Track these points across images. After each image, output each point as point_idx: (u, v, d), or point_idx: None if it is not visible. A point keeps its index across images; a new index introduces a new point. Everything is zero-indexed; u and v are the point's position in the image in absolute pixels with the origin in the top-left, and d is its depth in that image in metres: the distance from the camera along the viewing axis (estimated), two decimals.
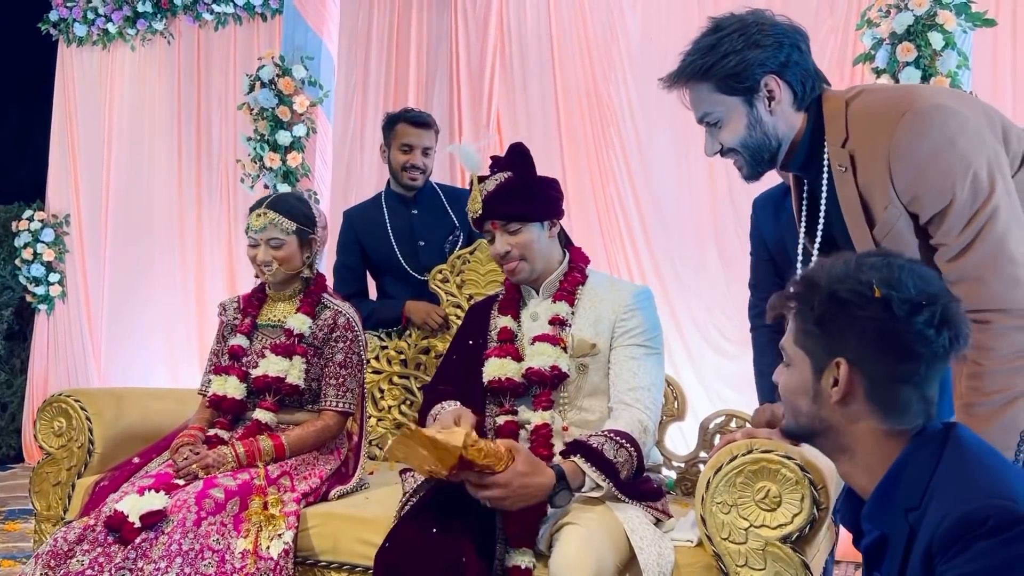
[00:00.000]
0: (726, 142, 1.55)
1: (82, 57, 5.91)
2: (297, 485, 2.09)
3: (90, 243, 5.83)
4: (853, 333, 1.13)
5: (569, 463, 1.73)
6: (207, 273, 5.52)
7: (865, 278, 1.12)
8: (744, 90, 1.49)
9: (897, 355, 1.11)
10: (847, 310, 1.12)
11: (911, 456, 1.12)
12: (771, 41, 1.47)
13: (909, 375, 1.12)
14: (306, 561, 2.00)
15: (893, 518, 1.11)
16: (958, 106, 1.44)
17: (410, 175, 2.89)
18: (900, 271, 1.12)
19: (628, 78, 4.47)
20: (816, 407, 1.18)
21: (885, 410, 1.14)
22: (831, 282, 1.14)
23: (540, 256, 2.00)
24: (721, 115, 1.53)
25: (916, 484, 1.09)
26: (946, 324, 1.10)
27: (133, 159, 5.75)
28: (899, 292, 1.10)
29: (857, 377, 1.13)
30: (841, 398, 1.15)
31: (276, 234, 2.23)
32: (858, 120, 1.49)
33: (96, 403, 2.35)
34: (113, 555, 1.83)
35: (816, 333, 1.16)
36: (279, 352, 2.21)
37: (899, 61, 2.99)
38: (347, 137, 5.04)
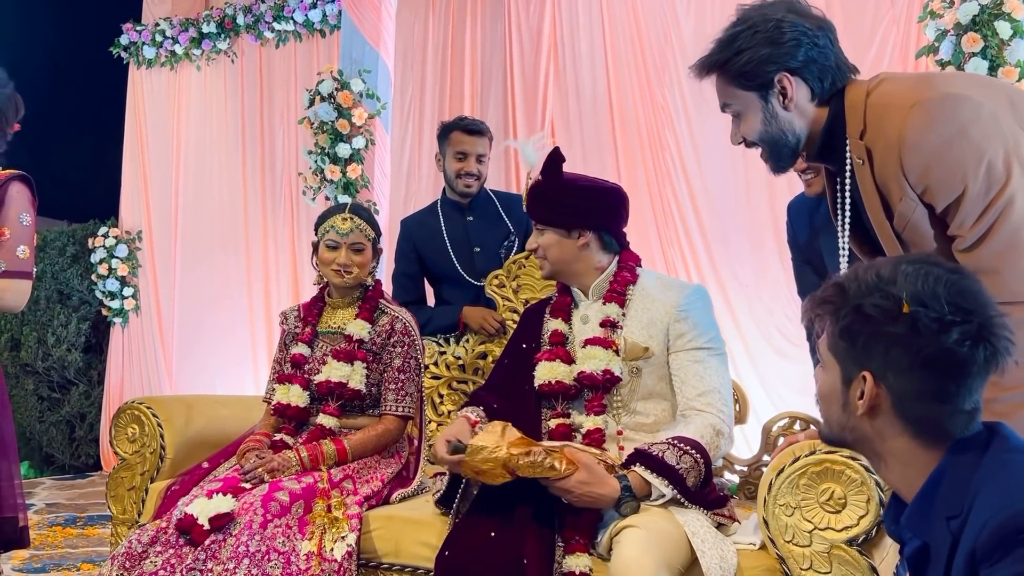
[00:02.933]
0: (746, 135, 1.56)
1: (151, 79, 6.13)
2: (359, 488, 2.12)
3: (161, 257, 6.03)
4: (880, 348, 1.09)
5: (633, 473, 1.73)
6: (273, 283, 5.66)
7: (895, 291, 1.08)
8: (758, 86, 1.50)
9: (924, 374, 1.07)
10: (872, 325, 1.09)
11: (950, 464, 1.08)
12: (788, 38, 1.46)
13: (938, 393, 1.08)
14: (369, 563, 2.03)
15: (934, 527, 1.08)
16: (973, 93, 1.40)
17: (465, 182, 2.92)
18: (935, 284, 1.07)
19: (682, 79, 4.44)
20: (845, 416, 1.15)
21: (915, 426, 1.10)
22: (859, 293, 1.11)
23: (561, 261, 2.00)
24: (739, 108, 1.55)
25: (957, 491, 1.05)
26: (982, 341, 1.05)
27: (200, 175, 5.94)
28: (929, 308, 1.06)
29: (883, 392, 1.10)
30: (867, 411, 1.12)
31: (360, 239, 2.30)
32: (874, 111, 1.47)
33: (167, 410, 2.43)
34: (184, 556, 1.88)
35: (842, 344, 1.13)
36: (340, 358, 2.25)
37: (964, 52, 2.90)
38: (404, 148, 5.12)
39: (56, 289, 5.98)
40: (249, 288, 5.72)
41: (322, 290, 2.43)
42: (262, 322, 5.66)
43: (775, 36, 1.47)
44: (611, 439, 1.92)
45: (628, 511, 1.70)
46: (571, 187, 1.99)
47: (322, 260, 2.32)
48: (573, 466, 1.67)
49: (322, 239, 2.32)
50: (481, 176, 2.95)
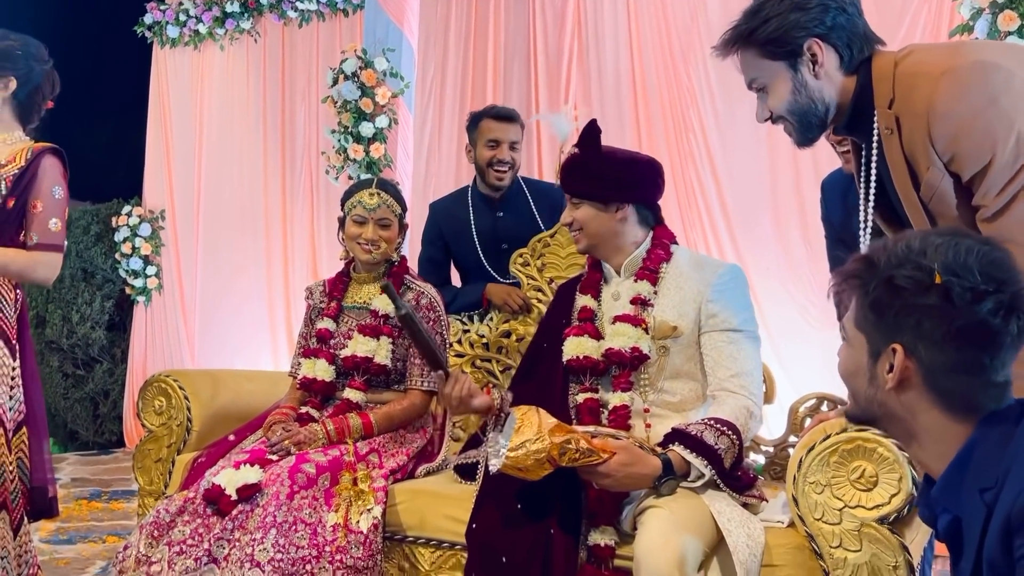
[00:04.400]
0: (774, 108, 1.54)
1: (175, 58, 6.15)
2: (385, 462, 2.13)
3: (183, 237, 6.07)
4: (910, 320, 1.06)
5: (673, 452, 1.71)
6: (292, 262, 5.68)
7: (926, 262, 1.05)
8: (787, 54, 1.48)
9: (957, 345, 1.04)
10: (903, 296, 1.06)
11: (982, 436, 1.06)
12: (814, 4, 1.45)
13: (971, 365, 1.05)
14: (394, 536, 2.04)
15: (967, 499, 1.06)
16: (1005, 62, 1.37)
17: (497, 172, 2.83)
18: (967, 255, 1.04)
19: (708, 59, 4.39)
20: (873, 390, 1.13)
21: (946, 400, 1.07)
22: (889, 265, 1.08)
23: (598, 235, 1.97)
24: (767, 81, 1.52)
25: (990, 463, 1.03)
26: (1015, 311, 1.03)
27: (222, 154, 5.97)
28: (962, 278, 1.03)
29: (913, 365, 1.07)
30: (896, 385, 1.09)
31: (387, 215, 2.30)
32: (903, 81, 1.45)
33: (193, 383, 2.44)
34: (212, 526, 1.90)
35: (872, 317, 1.10)
36: (367, 333, 2.26)
37: (1001, 31, 2.85)
38: (425, 128, 5.11)
39: (80, 268, 6.03)
40: (268, 266, 5.75)
41: (347, 265, 2.44)
42: (280, 299, 5.70)
43: (802, 3, 1.46)
44: (637, 416, 1.91)
45: (667, 491, 1.68)
46: (610, 159, 1.97)
47: (349, 235, 2.32)
48: (610, 450, 1.66)
49: (349, 214, 2.32)
50: (515, 164, 2.86)
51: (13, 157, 2.23)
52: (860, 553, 1.58)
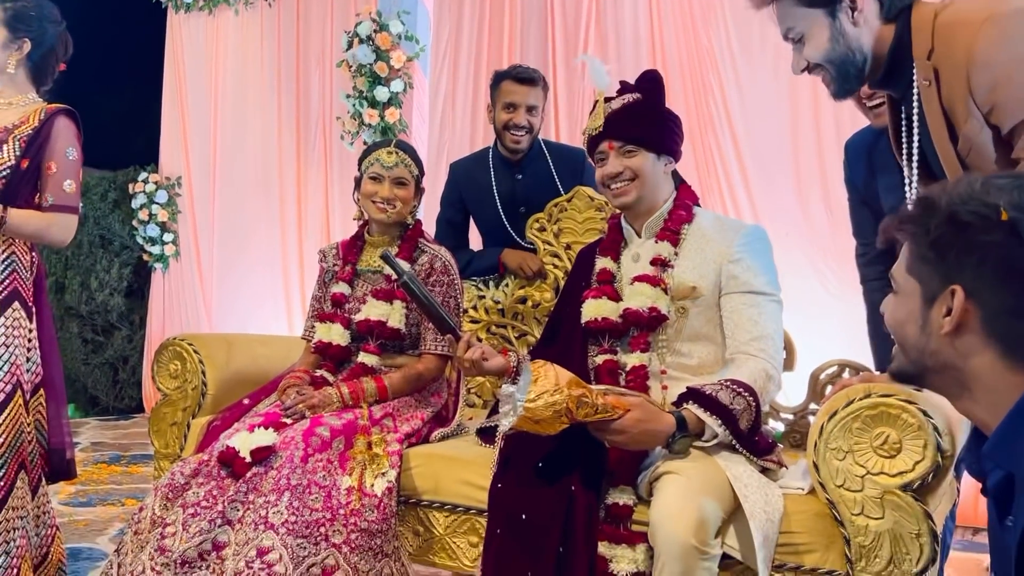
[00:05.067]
0: (811, 57, 1.52)
1: (190, 23, 6.10)
2: (400, 426, 2.11)
3: (200, 203, 6.06)
4: (973, 259, 1.02)
5: (687, 410, 1.69)
6: (305, 227, 5.66)
7: (992, 200, 1.01)
8: (825, 1, 1.46)
9: (1019, 286, 1.00)
10: (968, 233, 1.02)
11: None
12: None
13: None
14: (408, 500, 2.03)
15: (1019, 454, 1.00)
16: None
17: (513, 136, 2.77)
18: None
19: (729, 21, 4.30)
20: (925, 338, 1.09)
21: (1005, 344, 1.03)
22: (952, 203, 1.04)
23: (649, 185, 1.93)
24: (805, 29, 1.51)
25: None
26: None
27: (237, 120, 5.93)
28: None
29: (973, 307, 1.03)
30: (953, 328, 1.04)
31: (403, 174, 2.27)
32: (943, 31, 1.41)
33: (208, 347, 2.43)
34: (226, 488, 1.89)
35: (931, 258, 1.06)
36: (380, 297, 2.24)
37: None
38: (439, 92, 5.03)
39: (98, 234, 6.04)
40: (283, 231, 5.73)
41: (362, 228, 2.41)
42: (295, 264, 5.69)
43: None
44: (654, 377, 1.89)
45: (680, 448, 1.66)
46: (667, 110, 1.94)
47: (364, 193, 2.29)
48: (624, 407, 1.63)
49: (365, 172, 2.29)
50: (532, 128, 2.79)
51: (26, 118, 2.21)
52: (882, 521, 1.55)
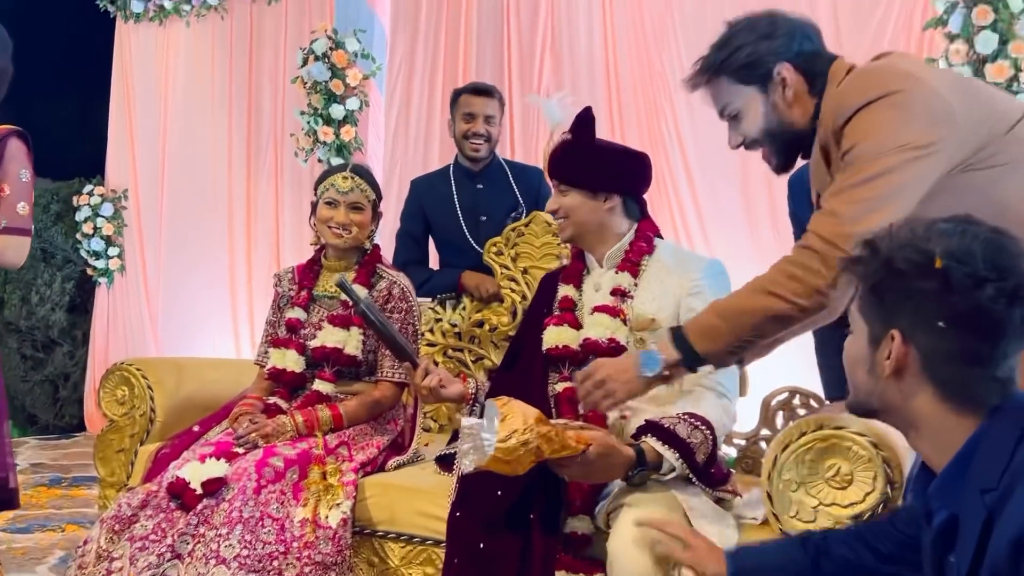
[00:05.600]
0: (747, 132, 1.59)
1: (139, 33, 5.98)
2: (355, 455, 2.09)
3: (147, 217, 5.93)
4: (909, 305, 1.04)
5: (645, 444, 1.70)
6: (255, 244, 5.58)
7: (929, 247, 1.03)
8: (759, 78, 1.53)
9: (955, 333, 1.02)
10: (904, 280, 1.04)
11: (987, 433, 1.03)
12: (782, 32, 1.52)
13: (970, 354, 1.03)
14: (363, 531, 2.01)
15: (966, 498, 1.03)
16: (923, 75, 1.39)
17: (472, 144, 2.90)
18: (972, 240, 1.02)
19: (681, 46, 4.38)
20: (872, 380, 1.11)
21: (944, 387, 1.05)
22: (891, 248, 1.06)
23: (584, 223, 1.95)
24: (740, 106, 1.57)
25: (993, 463, 1.00)
26: (1018, 301, 1.00)
27: (187, 134, 5.82)
28: (963, 264, 1.01)
29: (911, 351, 1.05)
30: (893, 371, 1.07)
31: (359, 199, 2.26)
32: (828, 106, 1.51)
33: (157, 372, 2.38)
34: (175, 521, 1.85)
35: (873, 301, 1.09)
36: (337, 323, 2.21)
37: (974, 25, 2.86)
38: (392, 111, 5.02)
39: (40, 248, 5.86)
40: (231, 248, 5.64)
41: (318, 252, 2.39)
42: (243, 282, 5.60)
43: (770, 31, 1.53)
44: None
45: (638, 480, 1.67)
46: (602, 147, 1.96)
47: (320, 218, 2.27)
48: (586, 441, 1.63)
49: (321, 197, 2.27)
50: (490, 137, 2.92)
51: None
52: None
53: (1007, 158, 1.37)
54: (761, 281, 1.43)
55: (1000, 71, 2.81)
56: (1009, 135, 1.38)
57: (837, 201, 1.39)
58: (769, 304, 1.40)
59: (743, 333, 1.43)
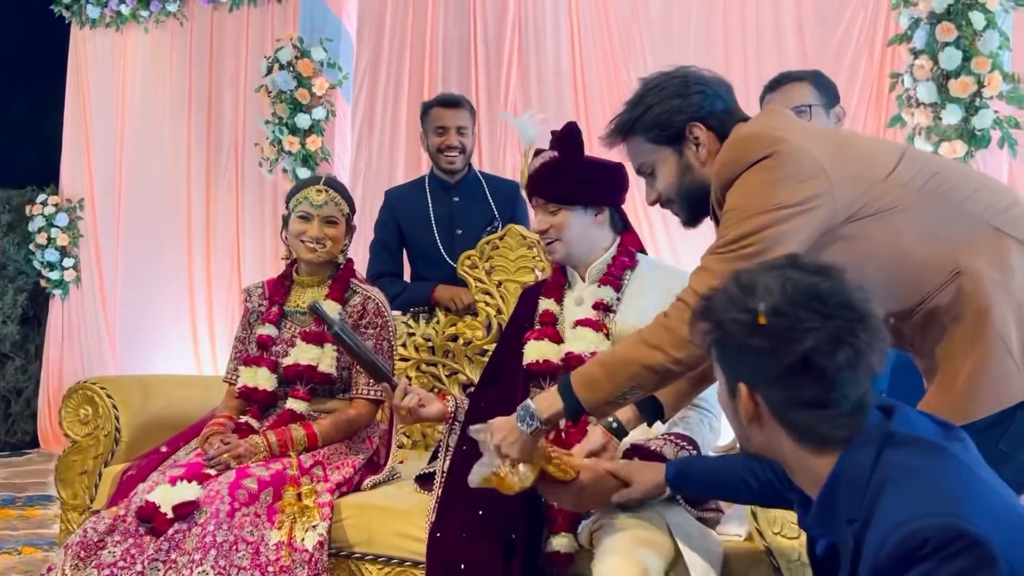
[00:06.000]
0: (661, 190, 1.60)
1: (95, 39, 5.85)
2: (330, 475, 2.04)
3: (104, 228, 5.79)
4: (746, 360, 1.08)
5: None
6: (215, 256, 5.49)
7: (752, 304, 1.06)
8: (671, 138, 1.55)
9: (790, 383, 1.05)
10: (735, 339, 1.08)
11: (845, 465, 1.06)
12: (693, 91, 1.54)
13: (810, 400, 1.06)
14: (340, 552, 1.96)
15: (838, 528, 1.07)
16: (792, 135, 1.43)
17: (447, 157, 2.86)
18: (793, 290, 1.05)
19: (648, 57, 4.40)
20: (739, 426, 1.15)
21: (796, 434, 1.09)
22: (721, 309, 1.10)
23: (577, 241, 1.94)
24: (654, 164, 1.58)
25: (854, 494, 1.04)
26: (842, 343, 1.02)
27: (145, 143, 5.71)
28: (783, 316, 1.04)
29: (759, 401, 1.09)
30: (750, 420, 1.11)
31: (334, 213, 2.21)
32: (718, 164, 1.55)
33: (122, 391, 2.31)
34: (145, 546, 1.79)
35: (717, 356, 1.13)
36: (310, 340, 2.16)
37: (939, 41, 2.91)
38: (361, 120, 4.97)
39: None
40: (190, 260, 5.53)
41: (289, 267, 2.33)
42: (202, 294, 5.50)
43: (681, 89, 1.54)
44: (596, 422, 1.88)
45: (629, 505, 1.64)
46: (591, 161, 1.94)
47: (293, 232, 2.22)
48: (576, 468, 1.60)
49: (294, 210, 2.22)
50: (465, 149, 2.88)
51: None
52: None
53: (892, 203, 1.40)
54: (642, 332, 1.47)
55: (963, 87, 2.86)
56: (888, 180, 1.42)
57: (711, 258, 1.43)
58: (646, 355, 1.43)
59: (622, 384, 1.45)
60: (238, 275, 5.40)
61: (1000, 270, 1.34)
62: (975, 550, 0.91)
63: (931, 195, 1.41)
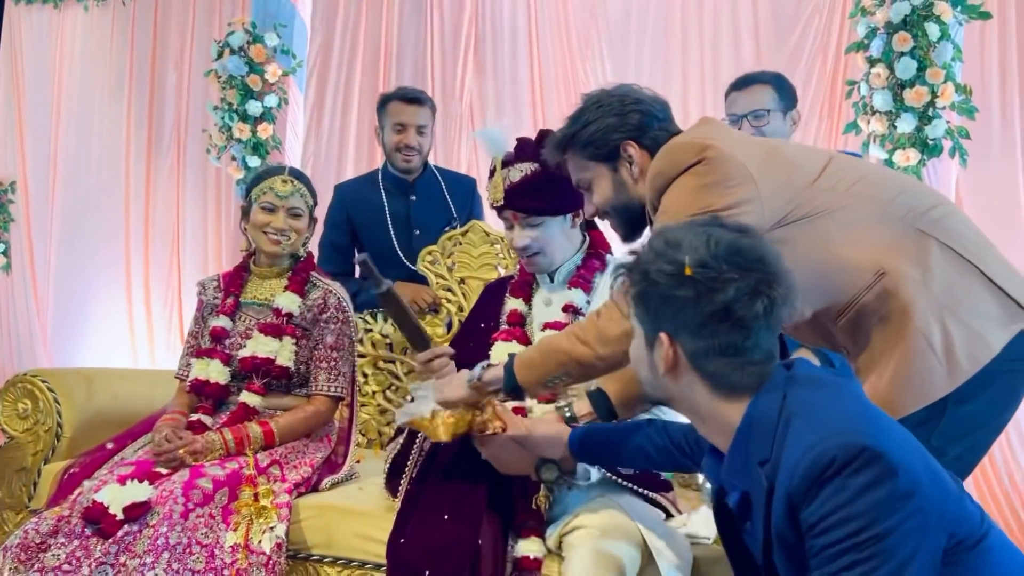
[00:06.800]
0: (598, 204, 1.64)
1: (31, 16, 5.60)
2: (288, 475, 1.97)
3: (37, 212, 5.55)
4: (670, 310, 1.15)
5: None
6: (154, 244, 5.30)
7: (679, 256, 1.13)
8: (605, 155, 1.59)
9: (711, 331, 1.12)
10: (660, 288, 1.14)
11: (754, 410, 1.13)
12: (629, 110, 1.58)
13: (727, 348, 1.13)
14: (298, 555, 1.90)
15: (750, 474, 1.13)
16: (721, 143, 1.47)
17: (404, 156, 2.74)
18: (716, 245, 1.12)
19: (605, 54, 4.40)
20: (654, 376, 1.21)
21: (712, 381, 1.16)
22: (647, 260, 1.16)
23: (559, 248, 1.93)
24: (590, 180, 1.63)
25: (764, 437, 1.11)
26: (760, 295, 1.11)
27: (82, 125, 5.49)
28: (707, 268, 1.11)
29: (679, 350, 1.16)
30: (668, 369, 1.17)
31: (298, 204, 2.15)
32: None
33: (65, 384, 2.20)
34: (92, 549, 1.70)
35: (639, 308, 1.19)
36: (268, 332, 2.09)
37: (895, 51, 2.96)
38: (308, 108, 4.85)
39: None
40: (127, 247, 5.33)
41: (246, 258, 2.25)
42: (139, 284, 5.31)
43: (618, 108, 1.58)
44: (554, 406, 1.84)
45: (547, 475, 1.62)
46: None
47: (255, 223, 2.14)
48: (505, 423, 1.61)
49: (257, 201, 2.13)
50: (422, 149, 2.76)
51: None
52: None
53: (820, 207, 1.45)
54: (574, 326, 1.55)
55: (918, 96, 2.92)
56: (815, 185, 1.46)
57: None
58: (575, 348, 1.51)
59: (552, 369, 1.54)
60: (177, 263, 5.23)
61: (921, 270, 1.40)
62: (879, 462, 1.00)
63: (856, 199, 1.46)
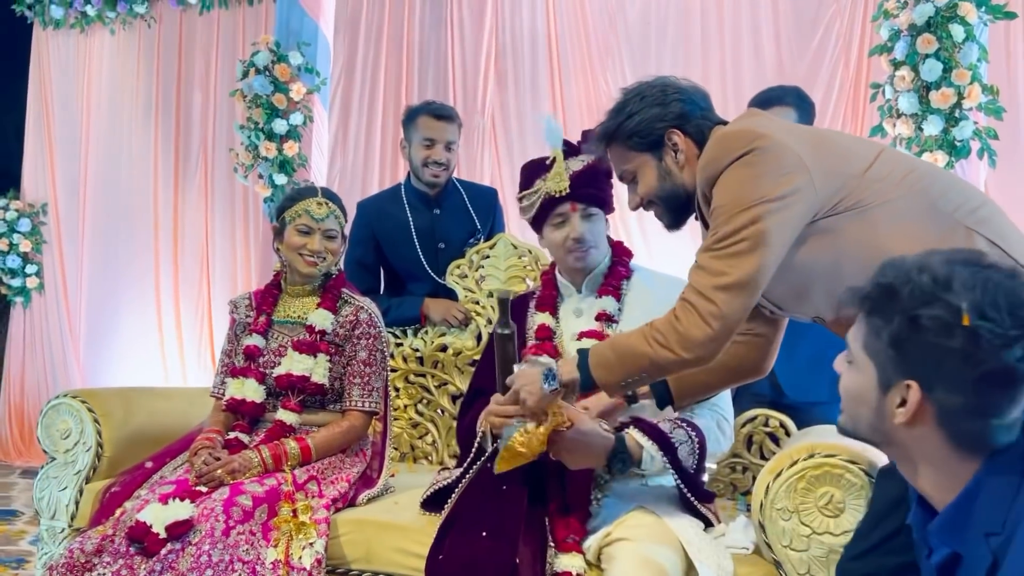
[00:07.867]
0: (644, 195, 1.64)
1: (59, 40, 5.71)
2: (325, 490, 1.99)
3: (68, 233, 5.65)
4: (931, 360, 1.02)
5: (628, 434, 1.71)
6: (182, 262, 5.38)
7: (954, 301, 1.00)
8: (650, 145, 1.60)
9: (978, 389, 1.01)
10: (927, 336, 1.01)
11: (989, 476, 1.03)
12: (671, 99, 1.60)
13: (989, 408, 1.02)
14: (336, 570, 1.91)
15: (970, 539, 1.04)
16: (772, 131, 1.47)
17: (432, 171, 2.73)
18: (995, 292, 1.00)
19: (626, 65, 4.41)
20: (878, 420, 1.09)
21: (956, 438, 1.05)
22: (914, 303, 1.03)
23: (603, 247, 1.97)
24: (635, 170, 1.63)
25: (997, 508, 1.01)
26: None
27: (111, 147, 5.58)
28: (990, 322, 0.98)
29: (929, 404, 1.04)
30: (907, 421, 1.05)
31: (334, 226, 2.18)
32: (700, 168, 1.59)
33: (104, 404, 2.24)
34: (136, 567, 1.73)
35: (890, 352, 1.05)
36: (303, 350, 2.11)
37: (920, 53, 2.95)
38: (333, 125, 4.90)
39: None
40: (157, 267, 5.41)
41: (277, 276, 2.28)
42: (169, 301, 5.38)
43: (660, 98, 1.60)
44: None
45: (619, 469, 1.66)
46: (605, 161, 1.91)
47: (290, 245, 2.16)
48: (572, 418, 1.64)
49: (292, 223, 2.16)
50: (449, 165, 2.76)
51: None
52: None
53: (869, 199, 1.44)
54: (651, 328, 1.51)
55: (944, 98, 2.90)
56: (866, 176, 1.46)
57: (705, 256, 1.48)
58: (655, 352, 1.48)
59: (632, 371, 1.52)
60: (207, 282, 5.30)
61: None
62: None
63: (907, 191, 1.44)
